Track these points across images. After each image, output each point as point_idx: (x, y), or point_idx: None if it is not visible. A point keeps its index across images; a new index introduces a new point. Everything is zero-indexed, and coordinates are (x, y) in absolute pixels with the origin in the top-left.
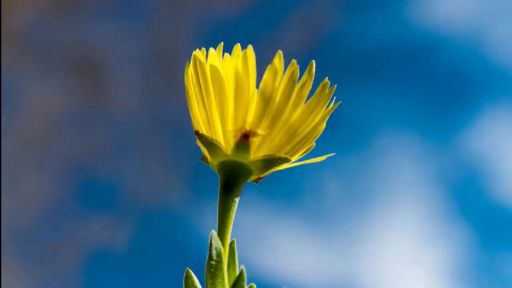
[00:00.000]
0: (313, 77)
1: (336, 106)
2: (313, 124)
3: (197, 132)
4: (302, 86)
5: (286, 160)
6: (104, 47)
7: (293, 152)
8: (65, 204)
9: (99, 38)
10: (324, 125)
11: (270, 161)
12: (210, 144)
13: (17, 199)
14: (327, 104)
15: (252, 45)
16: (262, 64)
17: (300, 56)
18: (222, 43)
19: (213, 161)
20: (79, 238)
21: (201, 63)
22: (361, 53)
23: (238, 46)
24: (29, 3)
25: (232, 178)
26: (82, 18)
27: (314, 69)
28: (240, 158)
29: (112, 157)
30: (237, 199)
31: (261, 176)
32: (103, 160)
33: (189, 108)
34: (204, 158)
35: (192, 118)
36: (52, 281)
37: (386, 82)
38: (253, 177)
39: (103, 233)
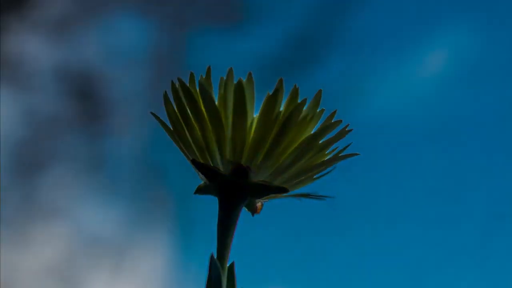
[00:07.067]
0: (319, 105)
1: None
2: (319, 155)
3: (193, 161)
4: (306, 117)
5: (283, 190)
6: (100, 68)
7: (295, 181)
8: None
9: (95, 59)
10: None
11: (267, 188)
12: (208, 170)
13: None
14: (332, 133)
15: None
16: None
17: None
18: (210, 66)
19: (213, 183)
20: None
21: (189, 92)
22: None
23: (231, 71)
24: (25, 25)
25: (231, 198)
26: (79, 39)
27: (320, 98)
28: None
29: (110, 176)
30: (236, 220)
31: (258, 206)
32: (101, 180)
33: (177, 137)
34: (198, 191)
35: (184, 147)
36: None
37: None
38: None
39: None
